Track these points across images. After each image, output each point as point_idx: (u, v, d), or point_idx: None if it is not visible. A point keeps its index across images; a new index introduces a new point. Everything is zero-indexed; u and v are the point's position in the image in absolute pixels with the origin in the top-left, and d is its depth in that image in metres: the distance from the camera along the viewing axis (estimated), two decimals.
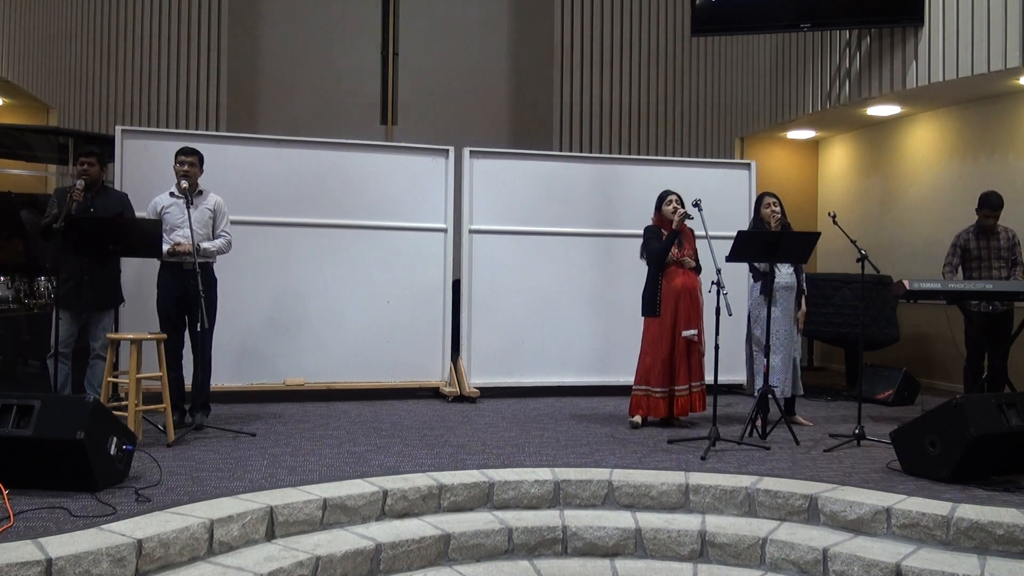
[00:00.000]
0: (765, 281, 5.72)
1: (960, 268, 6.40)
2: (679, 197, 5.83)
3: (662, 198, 5.88)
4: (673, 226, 5.73)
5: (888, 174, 9.10)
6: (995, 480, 4.32)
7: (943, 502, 3.94)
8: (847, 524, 4.00)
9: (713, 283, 5.03)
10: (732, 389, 7.44)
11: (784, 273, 5.89)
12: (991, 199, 6.31)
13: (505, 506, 4.27)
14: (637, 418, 5.81)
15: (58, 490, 3.73)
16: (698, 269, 5.86)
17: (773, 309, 5.74)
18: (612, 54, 10.34)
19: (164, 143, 6.46)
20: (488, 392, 7.11)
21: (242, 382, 6.72)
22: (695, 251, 5.89)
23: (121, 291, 5.76)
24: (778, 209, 5.94)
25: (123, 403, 5.07)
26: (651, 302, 5.78)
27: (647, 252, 5.83)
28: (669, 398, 5.76)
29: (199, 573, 3.33)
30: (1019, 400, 4.38)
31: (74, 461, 3.70)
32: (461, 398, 6.93)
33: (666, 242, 5.74)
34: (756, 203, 6.18)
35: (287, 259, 6.86)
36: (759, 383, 5.65)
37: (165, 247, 5.28)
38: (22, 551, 3.00)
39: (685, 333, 5.72)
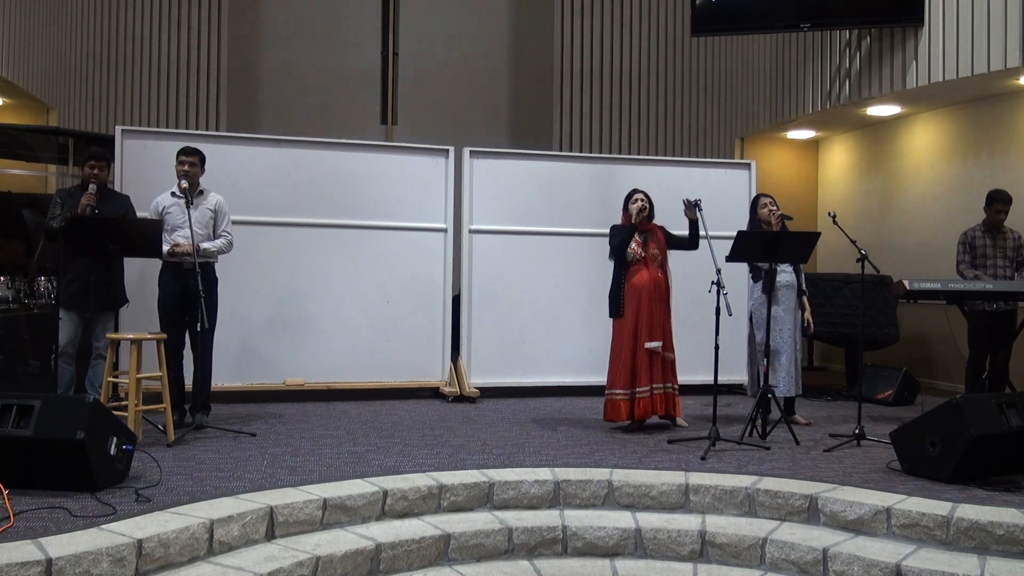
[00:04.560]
0: (766, 279, 5.70)
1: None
2: (645, 195, 5.75)
3: (628, 197, 5.77)
4: (633, 219, 5.66)
5: (888, 174, 9.10)
6: (995, 480, 4.31)
7: (943, 502, 3.93)
8: (847, 524, 4.00)
9: (713, 283, 5.02)
10: (732, 389, 7.44)
11: (784, 271, 5.89)
12: (1002, 194, 6.32)
13: (505, 506, 4.27)
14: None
15: (58, 490, 3.73)
16: (664, 269, 5.63)
17: (775, 308, 5.73)
18: (612, 54, 10.33)
19: (164, 143, 6.47)
20: (488, 392, 7.11)
21: (242, 382, 6.72)
22: (663, 252, 5.67)
23: (125, 291, 5.77)
24: (775, 208, 5.94)
25: (123, 403, 5.06)
26: (614, 302, 5.63)
27: (610, 248, 5.71)
28: (631, 400, 5.52)
29: (199, 573, 3.33)
30: (1019, 400, 4.38)
31: (74, 461, 3.70)
32: (461, 398, 6.93)
33: (624, 235, 5.62)
34: (752, 205, 6.20)
35: (287, 259, 6.86)
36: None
37: (165, 247, 5.28)
38: (22, 551, 3.00)
39: (648, 345, 5.48)
